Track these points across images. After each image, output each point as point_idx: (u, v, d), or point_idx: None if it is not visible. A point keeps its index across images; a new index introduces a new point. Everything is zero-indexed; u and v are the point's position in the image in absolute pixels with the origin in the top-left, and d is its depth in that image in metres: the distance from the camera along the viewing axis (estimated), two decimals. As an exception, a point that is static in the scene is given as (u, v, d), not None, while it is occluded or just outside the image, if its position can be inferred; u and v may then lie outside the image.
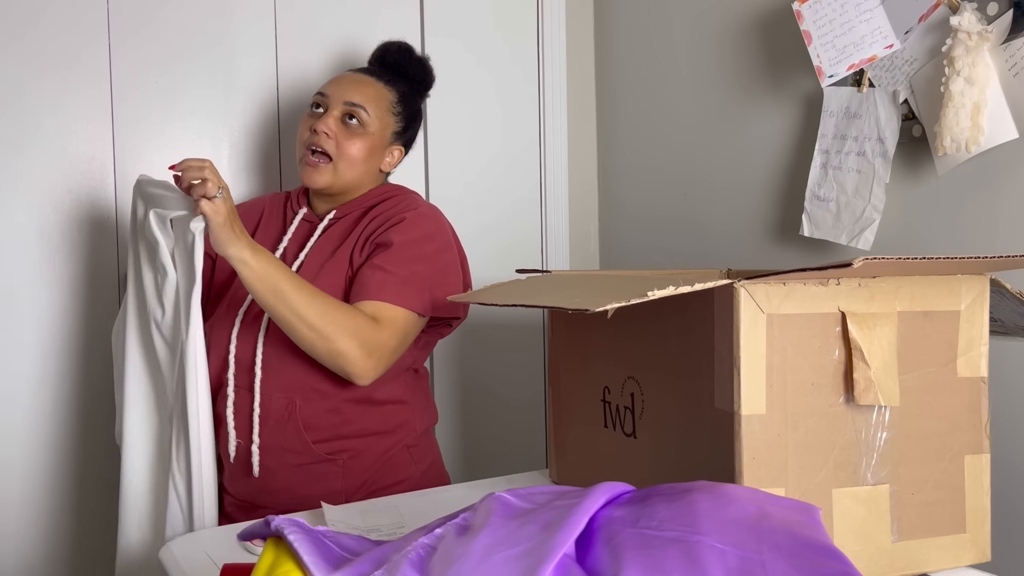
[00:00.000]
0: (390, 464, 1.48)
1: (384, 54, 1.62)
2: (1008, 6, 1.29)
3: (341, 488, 1.44)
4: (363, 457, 1.45)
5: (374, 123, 1.52)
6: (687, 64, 1.93)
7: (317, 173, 1.49)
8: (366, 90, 1.52)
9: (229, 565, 0.89)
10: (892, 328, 0.96)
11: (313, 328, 1.31)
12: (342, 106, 1.50)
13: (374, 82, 1.54)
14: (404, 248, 1.43)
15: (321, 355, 1.34)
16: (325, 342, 1.32)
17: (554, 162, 2.14)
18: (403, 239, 1.44)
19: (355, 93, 1.51)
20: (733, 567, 0.66)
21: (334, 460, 1.43)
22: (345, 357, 1.33)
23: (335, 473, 1.43)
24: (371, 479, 1.46)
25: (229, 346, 1.43)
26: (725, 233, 1.85)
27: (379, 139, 1.53)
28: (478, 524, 0.72)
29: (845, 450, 0.96)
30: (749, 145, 1.78)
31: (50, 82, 1.66)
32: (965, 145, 1.31)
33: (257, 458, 1.40)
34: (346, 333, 1.32)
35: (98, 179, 1.72)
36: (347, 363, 1.33)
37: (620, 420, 1.14)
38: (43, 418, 1.68)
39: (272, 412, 1.41)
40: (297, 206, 1.57)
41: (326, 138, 1.48)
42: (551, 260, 2.14)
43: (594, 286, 1.05)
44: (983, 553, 1.02)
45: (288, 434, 1.41)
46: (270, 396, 1.41)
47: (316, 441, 1.41)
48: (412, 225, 1.46)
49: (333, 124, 1.49)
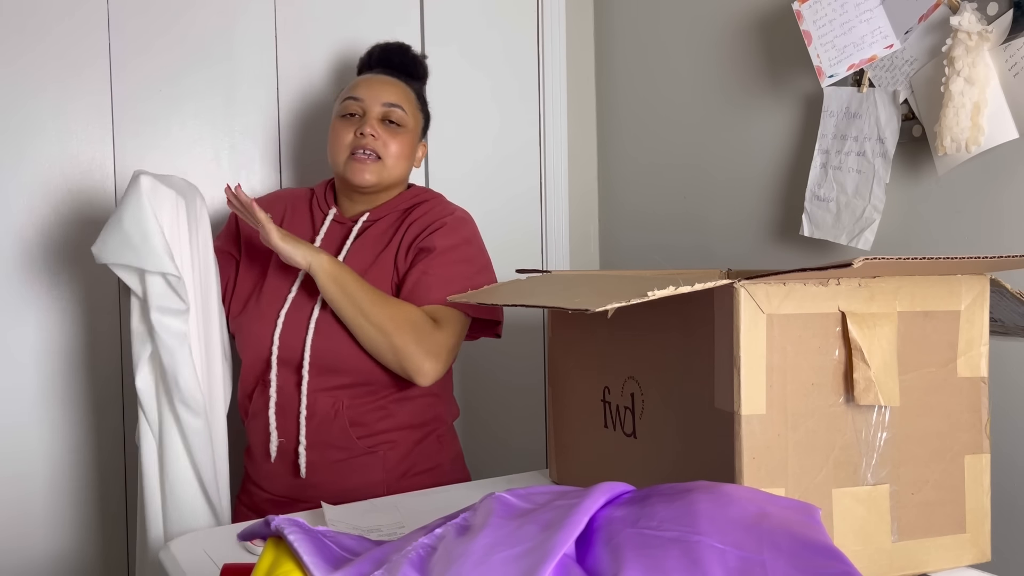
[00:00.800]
0: (424, 452, 1.53)
1: (388, 55, 1.64)
2: (1008, 6, 1.29)
3: (382, 479, 1.48)
4: (400, 447, 1.50)
5: (410, 120, 1.56)
6: (687, 64, 1.93)
7: (367, 170, 1.51)
8: (397, 90, 1.56)
9: (229, 565, 0.89)
10: (892, 328, 0.96)
11: (380, 328, 1.38)
12: (380, 108, 1.53)
13: (399, 82, 1.58)
14: (448, 252, 1.49)
15: (385, 355, 1.40)
16: (388, 341, 1.39)
17: (554, 162, 2.14)
18: (446, 244, 1.50)
19: (390, 94, 1.54)
20: (733, 567, 0.66)
21: (374, 452, 1.48)
22: (407, 357, 1.39)
23: (375, 464, 1.48)
24: (408, 468, 1.51)
25: (271, 347, 1.45)
26: (725, 233, 1.85)
27: (414, 136, 1.58)
28: (478, 524, 0.72)
29: (845, 450, 0.96)
30: (749, 145, 1.78)
31: (51, 83, 1.66)
32: (965, 145, 1.31)
33: (304, 459, 1.44)
34: (408, 334, 1.39)
35: (98, 179, 1.72)
36: (409, 363, 1.40)
37: (620, 420, 1.14)
38: (51, 414, 1.68)
39: (318, 411, 1.45)
40: (325, 206, 1.58)
41: (373, 140, 1.51)
42: (551, 260, 2.14)
43: (594, 286, 1.05)
44: (983, 553, 1.02)
45: (334, 432, 1.45)
46: (316, 396, 1.45)
47: (360, 436, 1.46)
48: (453, 230, 1.52)
49: (378, 126, 1.52)
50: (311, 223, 1.58)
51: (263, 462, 1.48)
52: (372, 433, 1.47)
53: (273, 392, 1.45)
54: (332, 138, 1.55)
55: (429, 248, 1.48)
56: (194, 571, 1.08)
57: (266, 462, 1.47)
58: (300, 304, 1.47)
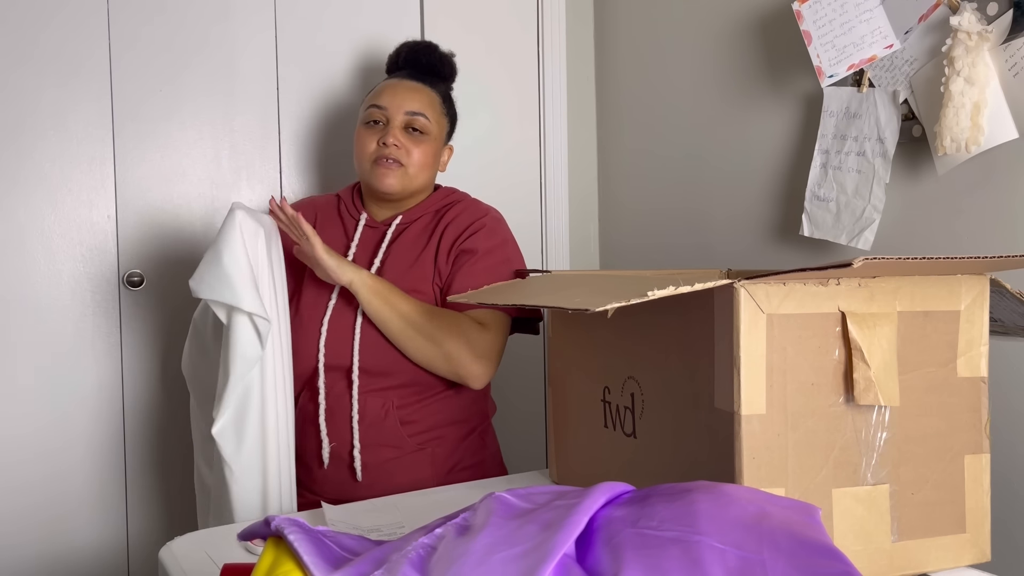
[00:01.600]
0: (469, 448, 1.56)
1: (416, 56, 1.64)
2: (1008, 6, 1.29)
3: (431, 475, 1.50)
4: (447, 443, 1.52)
5: (434, 128, 1.56)
6: (687, 64, 1.93)
7: (391, 176, 1.52)
8: (421, 97, 1.56)
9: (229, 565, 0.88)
10: (892, 328, 0.96)
11: (430, 338, 1.42)
12: (403, 116, 1.53)
13: (423, 87, 1.58)
14: (490, 255, 1.53)
15: (437, 363, 1.44)
16: (440, 350, 1.43)
17: (554, 162, 2.14)
18: (487, 246, 1.53)
19: (413, 102, 1.55)
20: (733, 567, 0.66)
21: (424, 449, 1.49)
22: (460, 363, 1.44)
23: (425, 461, 1.50)
24: (455, 463, 1.53)
25: (318, 355, 1.46)
26: (725, 233, 1.85)
27: (438, 142, 1.59)
28: (478, 524, 0.72)
29: (845, 450, 0.96)
30: (749, 145, 1.78)
31: (50, 83, 1.66)
32: (965, 145, 1.31)
33: (360, 462, 1.46)
34: (458, 340, 1.43)
35: (98, 179, 1.72)
36: (462, 368, 1.44)
37: (620, 420, 1.14)
38: (52, 412, 1.68)
39: (368, 413, 1.47)
40: (355, 211, 1.59)
41: (396, 150, 1.51)
42: (551, 260, 2.14)
43: (594, 286, 1.05)
44: (983, 553, 1.02)
45: (385, 432, 1.47)
46: (366, 399, 1.46)
47: (411, 435, 1.49)
48: (492, 232, 1.55)
49: (401, 135, 1.53)
50: (343, 229, 1.58)
51: (316, 468, 1.49)
52: (422, 430, 1.49)
53: (322, 399, 1.46)
54: (357, 145, 1.56)
55: (471, 250, 1.51)
56: (194, 571, 1.08)
57: (319, 467, 1.48)
58: (341, 310, 1.48)
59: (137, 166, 1.74)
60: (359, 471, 1.46)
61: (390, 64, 1.68)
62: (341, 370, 1.47)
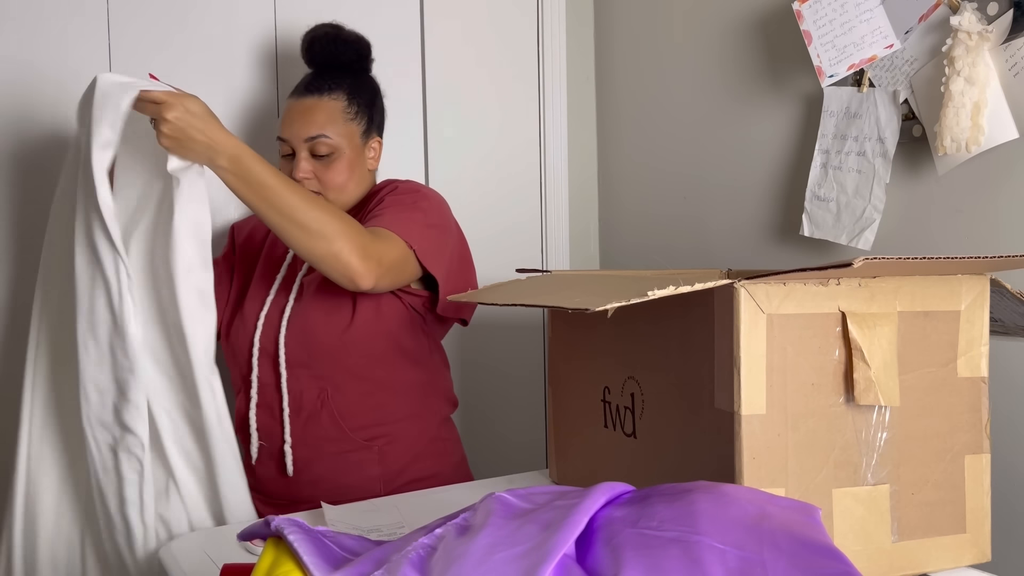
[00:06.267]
0: (426, 454, 1.51)
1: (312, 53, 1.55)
2: (1008, 6, 1.29)
3: (379, 474, 1.47)
4: (398, 443, 1.49)
5: (340, 141, 1.49)
6: (687, 64, 1.93)
7: None
8: (317, 116, 1.48)
9: (229, 565, 0.89)
10: (892, 328, 0.96)
11: (309, 230, 1.26)
12: (305, 145, 1.48)
13: (319, 100, 1.49)
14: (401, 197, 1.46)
15: (318, 256, 1.28)
16: (325, 243, 1.27)
17: (554, 162, 2.14)
18: (395, 199, 1.46)
19: (309, 126, 1.48)
20: (733, 567, 0.66)
21: (370, 447, 1.46)
22: (344, 258, 1.28)
23: (372, 460, 1.47)
24: (407, 466, 1.49)
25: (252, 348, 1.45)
26: (725, 233, 1.85)
27: (352, 150, 1.52)
28: (478, 524, 0.72)
29: (845, 450, 0.96)
30: (749, 145, 1.78)
31: (50, 83, 1.66)
32: (965, 145, 1.31)
33: (291, 456, 1.42)
34: (343, 235, 1.28)
35: (98, 179, 1.72)
36: (346, 264, 1.28)
37: (620, 420, 1.14)
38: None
39: (304, 405, 1.44)
40: None
41: (308, 182, 1.47)
42: (551, 260, 2.14)
43: (594, 286, 1.05)
44: (983, 553, 1.02)
45: (323, 424, 1.44)
46: (300, 391, 1.44)
47: (353, 428, 1.45)
48: (405, 190, 1.49)
49: (308, 166, 1.47)
50: None
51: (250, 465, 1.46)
52: (365, 424, 1.46)
53: (255, 393, 1.44)
54: None
55: (379, 201, 1.46)
56: (194, 571, 1.08)
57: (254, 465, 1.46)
58: (278, 302, 1.47)
59: (137, 166, 1.74)
60: (289, 465, 1.43)
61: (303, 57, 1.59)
62: (272, 356, 1.44)
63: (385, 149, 1.98)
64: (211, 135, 1.23)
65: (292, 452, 1.43)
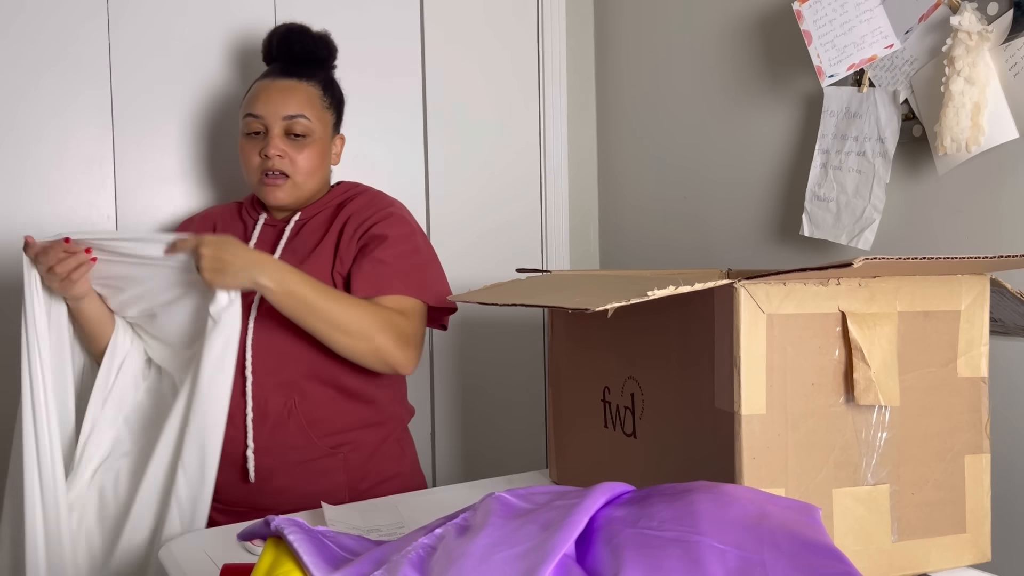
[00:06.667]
0: (385, 456, 1.50)
1: (288, 45, 1.55)
2: (1008, 6, 1.29)
3: (344, 481, 1.45)
4: (361, 448, 1.47)
5: (317, 127, 1.49)
6: (687, 64, 1.93)
7: (279, 191, 1.48)
8: (298, 96, 1.48)
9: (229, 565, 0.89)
10: (892, 328, 0.96)
11: (350, 333, 1.34)
12: (282, 123, 1.46)
13: (299, 84, 1.50)
14: (400, 242, 1.46)
15: (363, 355, 1.37)
16: (366, 342, 1.35)
17: (554, 162, 2.14)
18: (397, 233, 1.46)
19: (289, 104, 1.47)
20: (733, 567, 0.66)
21: (335, 454, 1.44)
22: (387, 352, 1.37)
23: (337, 467, 1.44)
24: (371, 471, 1.47)
25: None
26: (725, 233, 1.85)
27: (324, 140, 1.52)
28: (478, 524, 0.72)
29: (845, 450, 0.96)
30: (749, 145, 1.78)
31: (50, 82, 1.66)
32: (965, 145, 1.31)
33: (253, 463, 1.40)
34: (381, 330, 1.36)
35: (98, 179, 1.72)
36: (390, 357, 1.37)
37: (620, 420, 1.14)
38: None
39: (270, 412, 1.41)
40: (255, 213, 1.56)
41: (280, 160, 1.46)
42: (551, 260, 2.14)
43: (594, 286, 1.05)
44: (983, 553, 1.02)
45: (291, 432, 1.41)
46: (265, 397, 1.41)
47: (320, 436, 1.43)
48: (400, 221, 1.49)
49: (282, 144, 1.46)
50: (243, 229, 1.54)
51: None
52: (332, 432, 1.44)
53: None
54: (242, 160, 1.50)
55: (381, 236, 1.45)
56: (194, 571, 1.08)
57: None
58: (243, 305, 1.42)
59: (137, 165, 1.74)
60: (251, 472, 1.39)
61: (265, 54, 1.58)
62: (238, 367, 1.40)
63: (385, 149, 1.99)
64: (250, 257, 1.29)
65: (255, 459, 1.40)
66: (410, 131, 1.99)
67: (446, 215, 2.02)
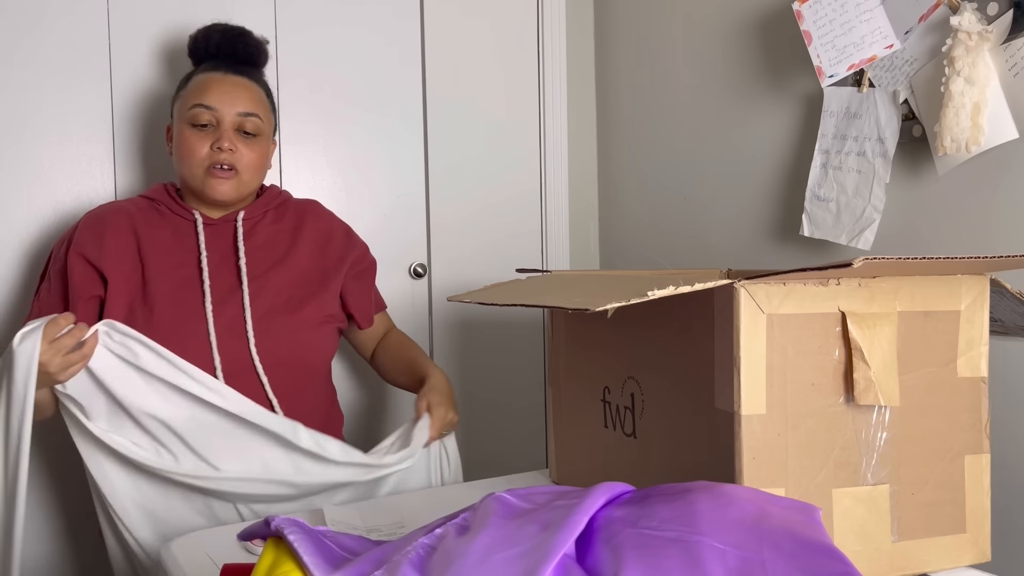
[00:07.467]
0: None
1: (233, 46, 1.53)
2: (1008, 6, 1.29)
3: None
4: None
5: (265, 127, 1.50)
6: (687, 64, 1.93)
7: (226, 184, 1.46)
8: (251, 95, 1.49)
9: (229, 565, 0.89)
10: (892, 328, 0.96)
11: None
12: (236, 118, 1.46)
13: (251, 84, 1.51)
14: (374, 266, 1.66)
15: None
16: None
17: (554, 162, 2.14)
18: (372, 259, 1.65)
19: (244, 101, 1.47)
20: (733, 567, 0.66)
21: None
22: None
23: None
24: None
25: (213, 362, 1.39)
26: (725, 233, 1.85)
27: (268, 141, 1.53)
28: (478, 524, 0.72)
29: (845, 450, 0.96)
30: (749, 145, 1.78)
31: (50, 82, 1.66)
32: (965, 145, 1.31)
33: None
34: None
35: (98, 179, 1.72)
36: None
37: (620, 420, 1.14)
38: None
39: None
40: (185, 211, 1.50)
41: (232, 154, 1.45)
42: (551, 260, 2.14)
43: (594, 286, 1.04)
44: (983, 553, 1.02)
45: None
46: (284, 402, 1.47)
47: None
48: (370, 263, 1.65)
49: (234, 138, 1.46)
50: (171, 231, 1.48)
51: None
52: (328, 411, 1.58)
53: None
54: (185, 149, 1.46)
55: (370, 268, 1.63)
56: (194, 571, 1.08)
57: None
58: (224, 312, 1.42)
59: (137, 166, 1.74)
60: None
61: (198, 51, 1.54)
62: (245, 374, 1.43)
63: (386, 150, 1.99)
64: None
65: None
66: (410, 132, 1.99)
67: (446, 216, 2.02)
